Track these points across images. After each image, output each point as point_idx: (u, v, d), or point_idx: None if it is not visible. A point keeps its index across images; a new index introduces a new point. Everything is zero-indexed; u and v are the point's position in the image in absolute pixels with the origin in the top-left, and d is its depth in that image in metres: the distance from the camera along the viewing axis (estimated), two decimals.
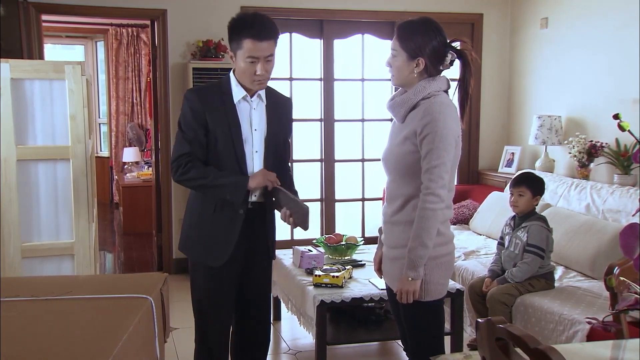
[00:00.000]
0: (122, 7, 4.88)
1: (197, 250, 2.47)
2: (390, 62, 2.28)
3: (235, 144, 2.37)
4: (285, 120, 2.56)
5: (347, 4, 5.25)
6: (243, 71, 2.33)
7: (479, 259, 4.13)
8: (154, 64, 5.21)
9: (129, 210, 6.83)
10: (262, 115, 2.45)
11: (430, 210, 2.12)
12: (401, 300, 2.20)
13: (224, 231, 2.41)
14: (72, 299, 1.74)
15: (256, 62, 2.29)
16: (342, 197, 5.61)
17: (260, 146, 2.44)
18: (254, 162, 2.44)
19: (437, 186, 2.12)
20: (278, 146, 2.51)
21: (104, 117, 8.60)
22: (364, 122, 5.58)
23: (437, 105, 2.17)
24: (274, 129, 2.47)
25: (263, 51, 2.28)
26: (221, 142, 2.37)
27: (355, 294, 3.21)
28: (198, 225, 2.47)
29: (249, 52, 2.27)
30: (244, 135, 2.40)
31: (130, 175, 7.40)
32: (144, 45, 8.10)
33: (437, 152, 2.11)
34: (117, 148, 8.26)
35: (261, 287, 2.60)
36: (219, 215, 2.41)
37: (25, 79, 2.61)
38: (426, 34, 2.23)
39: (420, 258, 2.15)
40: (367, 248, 3.99)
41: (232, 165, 2.39)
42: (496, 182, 5.34)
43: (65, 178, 2.72)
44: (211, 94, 2.40)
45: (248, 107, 2.42)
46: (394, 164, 2.27)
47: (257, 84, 2.36)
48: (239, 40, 2.28)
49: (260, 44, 2.27)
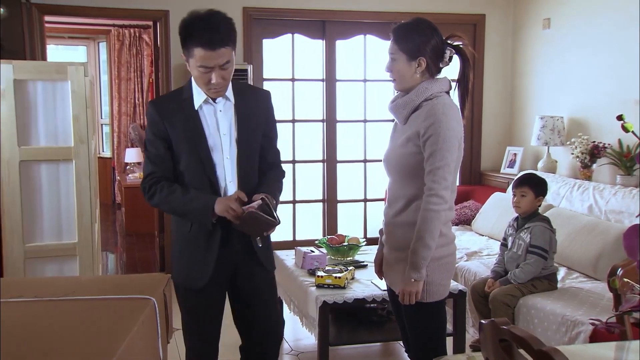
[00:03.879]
0: (124, 8, 4.89)
1: (176, 270, 2.27)
2: (390, 67, 2.27)
3: (201, 154, 2.15)
4: (262, 116, 2.28)
5: (349, 4, 5.25)
6: (197, 79, 2.11)
7: (482, 259, 4.13)
8: (156, 64, 5.21)
9: (131, 211, 6.84)
10: (231, 116, 2.21)
11: (434, 211, 2.12)
12: (403, 302, 2.20)
13: (202, 250, 2.20)
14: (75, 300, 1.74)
15: (210, 71, 2.06)
16: (344, 197, 5.61)
17: (231, 152, 2.20)
18: (225, 170, 2.20)
19: (441, 187, 2.12)
20: (253, 148, 2.25)
21: (106, 118, 8.61)
22: (366, 123, 5.58)
23: (440, 107, 2.17)
24: (247, 129, 2.22)
25: (216, 60, 2.04)
26: (186, 153, 2.16)
27: (358, 294, 3.21)
28: (177, 243, 2.28)
29: (200, 61, 2.04)
30: (212, 142, 2.17)
31: (133, 176, 7.41)
32: (146, 46, 8.11)
33: (440, 153, 2.11)
34: (119, 149, 8.27)
35: (262, 306, 2.33)
36: (195, 234, 2.20)
37: (29, 80, 2.62)
38: (423, 32, 2.23)
39: (423, 259, 2.14)
40: (370, 249, 3.99)
41: (201, 178, 2.17)
42: (498, 183, 5.33)
43: (68, 179, 2.73)
44: (170, 102, 2.20)
45: (213, 110, 2.19)
46: (396, 165, 2.27)
47: (214, 92, 2.14)
48: (189, 47, 2.05)
49: (213, 52, 2.02)
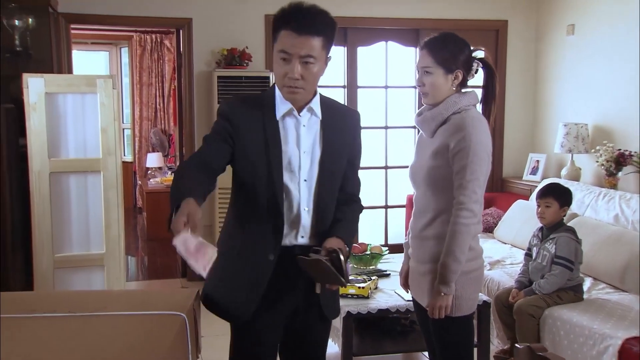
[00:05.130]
0: (148, 16, 4.94)
1: (215, 296, 1.98)
2: (423, 81, 2.23)
3: (273, 172, 1.85)
4: (349, 139, 2.00)
5: (371, 11, 5.25)
6: (275, 73, 1.87)
7: (505, 268, 4.10)
8: (179, 72, 5.25)
9: (153, 216, 6.89)
10: (316, 133, 1.92)
11: (464, 225, 2.12)
12: (433, 316, 2.20)
13: (247, 281, 1.92)
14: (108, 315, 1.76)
15: (288, 61, 1.80)
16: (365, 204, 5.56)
17: (310, 173, 1.91)
18: (300, 194, 1.90)
19: (471, 201, 2.11)
20: (337, 173, 1.97)
21: (128, 122, 8.70)
22: (387, 130, 5.57)
23: (469, 120, 2.16)
24: (333, 150, 1.93)
25: (298, 47, 1.78)
26: (252, 167, 1.87)
27: (382, 305, 3.20)
28: (221, 266, 1.90)
29: (281, 44, 1.81)
30: (288, 160, 1.88)
31: (154, 180, 7.47)
32: (167, 52, 8.18)
33: (471, 167, 2.11)
34: (140, 153, 8.35)
35: (313, 354, 2.09)
36: (243, 259, 1.92)
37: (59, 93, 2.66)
38: (457, 45, 2.24)
39: (453, 273, 2.14)
40: (392, 257, 3.98)
41: (266, 200, 1.87)
42: (521, 190, 5.29)
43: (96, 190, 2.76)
44: (248, 106, 1.91)
45: (295, 123, 1.91)
46: (423, 178, 2.26)
47: (288, 90, 1.84)
48: (277, 32, 1.83)
49: (296, 37, 1.78)
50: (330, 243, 1.86)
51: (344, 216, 2.00)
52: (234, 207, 2.00)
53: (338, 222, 1.97)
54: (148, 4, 4.88)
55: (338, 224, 1.97)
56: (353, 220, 2.05)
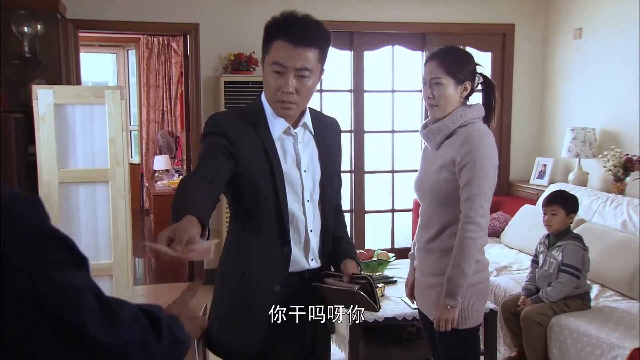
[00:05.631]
0: (155, 21, 4.95)
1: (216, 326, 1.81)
2: (433, 93, 2.21)
3: (280, 193, 1.74)
4: (337, 150, 1.95)
5: (377, 15, 5.25)
6: (266, 86, 1.75)
7: (512, 274, 4.10)
8: (186, 76, 5.27)
9: (160, 219, 6.91)
10: (312, 151, 1.84)
11: (471, 239, 2.12)
12: (439, 329, 2.20)
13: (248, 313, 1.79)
14: None
15: (283, 74, 1.69)
16: (372, 208, 5.61)
17: (313, 193, 1.83)
18: (306, 216, 1.81)
19: (478, 215, 2.12)
20: (333, 189, 1.91)
21: (135, 125, 8.74)
22: (393, 134, 5.57)
23: (476, 134, 2.16)
24: (328, 167, 1.87)
25: (294, 59, 1.67)
26: (252, 190, 1.74)
27: (389, 313, 3.21)
28: (223, 304, 1.87)
29: (275, 56, 1.69)
30: (291, 180, 1.78)
31: (161, 183, 7.50)
32: (174, 54, 8.20)
33: (477, 181, 2.11)
34: (147, 155, 8.38)
35: None
36: (246, 289, 1.80)
37: (67, 104, 2.68)
38: (465, 56, 2.27)
39: (460, 287, 2.15)
40: (399, 263, 3.97)
41: (275, 223, 1.76)
42: (528, 194, 5.28)
43: (105, 200, 2.78)
44: (242, 123, 1.76)
45: (292, 141, 1.81)
46: (430, 192, 2.27)
47: (280, 106, 1.73)
48: (270, 42, 1.72)
49: (292, 48, 1.67)
50: (349, 267, 1.80)
51: (343, 234, 1.97)
52: (232, 233, 1.89)
53: (340, 240, 1.94)
54: (155, 9, 4.90)
55: (344, 244, 1.94)
56: (350, 240, 2.02)
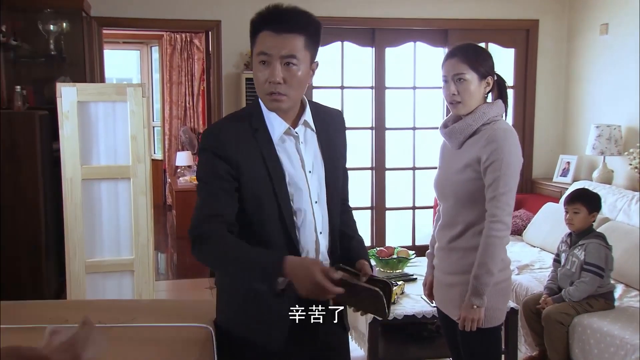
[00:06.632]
0: (177, 19, 5.00)
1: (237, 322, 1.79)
2: (457, 89, 2.19)
3: (282, 202, 1.67)
4: (341, 145, 1.87)
5: (399, 12, 5.22)
6: (255, 81, 1.69)
7: (533, 273, 4.05)
8: (208, 73, 5.31)
9: (183, 214, 6.98)
10: (315, 149, 1.77)
11: (497, 238, 2.11)
12: (463, 328, 2.19)
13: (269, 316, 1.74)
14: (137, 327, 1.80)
15: (269, 63, 1.63)
16: (392, 205, 5.59)
17: (320, 193, 1.76)
18: (315, 217, 1.74)
19: (505, 214, 2.11)
20: (339, 186, 1.83)
21: (158, 121, 8.82)
22: (415, 130, 5.54)
23: (501, 132, 2.15)
24: (333, 165, 1.79)
25: (278, 47, 1.61)
26: (265, 203, 1.68)
27: (408, 311, 3.20)
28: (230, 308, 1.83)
29: (260, 46, 1.63)
30: (296, 184, 1.71)
31: (183, 179, 7.57)
32: (197, 51, 8.26)
33: (504, 179, 2.10)
34: (170, 151, 8.46)
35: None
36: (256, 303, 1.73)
37: (90, 102, 2.71)
38: (484, 52, 2.26)
39: (486, 286, 2.13)
40: (419, 260, 3.96)
41: (282, 232, 1.70)
42: (551, 192, 5.21)
43: (126, 196, 2.82)
44: (238, 133, 1.68)
45: (294, 142, 1.74)
46: (453, 192, 2.24)
47: (270, 98, 1.66)
48: (255, 35, 1.66)
49: (275, 36, 1.61)
50: (366, 268, 1.71)
51: (353, 231, 1.91)
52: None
53: (352, 240, 1.87)
54: (178, 6, 4.94)
55: (356, 244, 1.87)
56: (362, 239, 1.93)
